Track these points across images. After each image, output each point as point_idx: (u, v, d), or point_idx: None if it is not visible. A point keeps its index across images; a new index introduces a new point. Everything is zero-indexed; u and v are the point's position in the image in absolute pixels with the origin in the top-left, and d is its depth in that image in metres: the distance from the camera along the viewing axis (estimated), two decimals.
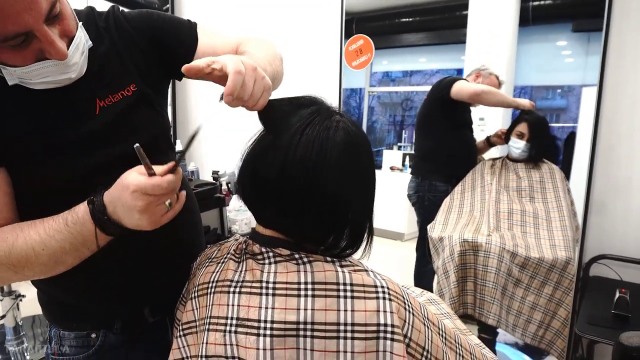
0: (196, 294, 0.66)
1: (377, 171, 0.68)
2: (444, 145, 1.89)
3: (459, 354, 0.65)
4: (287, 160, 0.58)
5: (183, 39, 0.79)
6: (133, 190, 0.55)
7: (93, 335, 0.77)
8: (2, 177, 0.65)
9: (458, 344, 0.66)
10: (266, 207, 0.63)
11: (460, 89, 1.75)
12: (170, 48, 0.79)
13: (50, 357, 0.79)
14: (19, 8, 0.54)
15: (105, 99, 0.71)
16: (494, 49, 1.91)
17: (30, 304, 2.79)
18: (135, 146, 0.55)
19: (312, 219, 0.60)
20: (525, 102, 1.75)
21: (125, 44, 0.75)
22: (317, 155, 0.58)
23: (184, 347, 0.67)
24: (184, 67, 0.56)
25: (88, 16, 0.73)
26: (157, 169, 0.57)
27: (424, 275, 1.93)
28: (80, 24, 0.67)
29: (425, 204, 1.90)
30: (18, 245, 0.61)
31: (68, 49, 0.62)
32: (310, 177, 0.58)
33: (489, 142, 1.89)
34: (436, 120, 1.89)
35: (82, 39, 0.66)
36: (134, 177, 0.56)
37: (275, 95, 0.65)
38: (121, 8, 0.80)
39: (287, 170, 0.58)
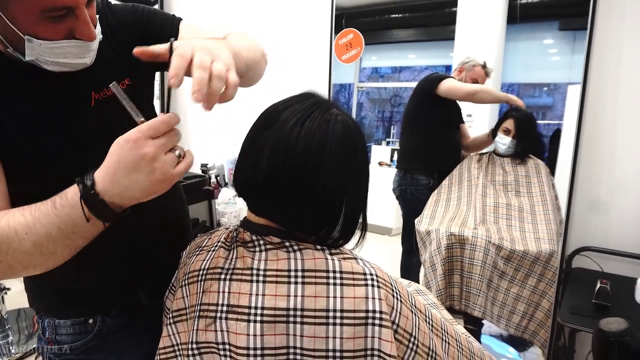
0: (187, 282, 0.66)
1: None
2: (427, 141, 1.91)
3: (445, 341, 0.66)
4: (289, 152, 0.58)
5: (166, 33, 0.78)
6: (134, 139, 0.50)
7: (90, 321, 0.76)
8: None
9: (444, 331, 0.67)
10: (263, 196, 0.63)
11: (452, 88, 1.77)
12: (155, 42, 0.77)
13: (45, 348, 0.77)
14: None
15: (101, 92, 0.70)
16: (482, 46, 1.93)
17: (16, 297, 2.75)
18: (111, 84, 0.52)
19: (309, 210, 0.61)
20: (516, 99, 1.77)
21: (114, 38, 0.75)
22: (317, 147, 0.58)
23: (174, 334, 0.67)
24: (136, 50, 0.55)
25: None
26: (167, 115, 0.53)
27: (410, 268, 1.95)
28: (97, 16, 0.68)
29: (408, 197, 1.92)
30: (1, 227, 0.55)
31: None
32: (310, 169, 0.58)
33: (494, 135, 1.88)
34: (420, 116, 1.90)
35: (99, 28, 0.67)
36: (126, 133, 0.51)
37: (267, 90, 0.65)
38: (107, 1, 0.79)
39: (288, 162, 0.58)
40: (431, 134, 1.89)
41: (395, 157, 2.30)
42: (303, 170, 0.59)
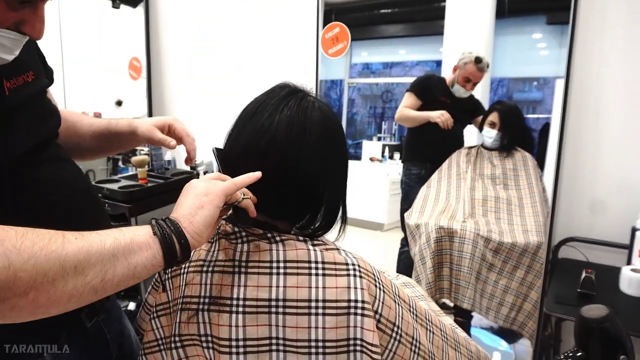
0: (170, 275, 0.66)
1: (357, 162, 0.69)
2: (418, 134, 1.98)
3: (430, 330, 0.67)
4: (268, 141, 0.58)
5: None
6: (216, 192, 0.54)
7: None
8: None
9: (429, 321, 0.68)
10: (245, 187, 0.63)
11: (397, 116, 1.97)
12: None
13: None
14: None
15: (11, 80, 0.65)
16: (471, 40, 1.93)
17: None
18: (212, 148, 0.58)
19: (290, 199, 0.61)
20: (435, 114, 1.82)
21: None
22: (297, 135, 0.59)
23: (157, 328, 0.67)
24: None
25: None
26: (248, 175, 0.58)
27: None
28: None
29: (403, 187, 2.01)
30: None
31: None
32: (291, 157, 0.59)
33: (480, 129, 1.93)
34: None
35: None
36: (219, 181, 0.57)
37: (255, 86, 0.66)
38: None
39: (270, 150, 0.59)
40: (422, 128, 1.90)
41: (387, 153, 2.31)
42: (284, 159, 0.59)
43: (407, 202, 1.91)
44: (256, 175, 0.57)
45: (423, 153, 1.99)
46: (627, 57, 1.52)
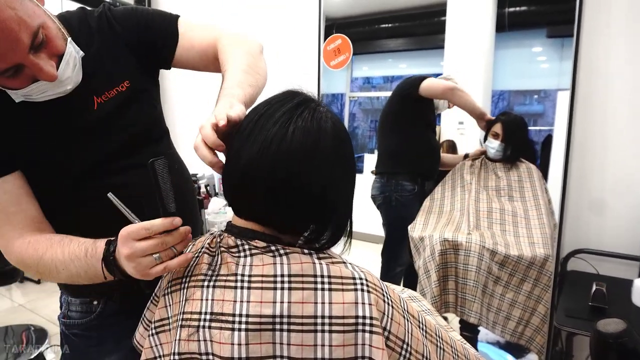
0: (169, 290, 0.64)
1: (359, 175, 0.69)
2: (410, 144, 1.86)
3: (440, 347, 0.64)
4: (282, 152, 0.56)
5: (167, 34, 0.85)
6: (124, 238, 0.60)
7: (95, 303, 0.86)
8: (18, 179, 0.73)
9: (439, 337, 0.65)
10: (253, 200, 0.60)
11: (432, 85, 1.75)
12: (156, 43, 0.85)
13: (60, 320, 0.90)
14: (3, 50, 0.60)
15: (102, 95, 0.78)
16: (471, 54, 1.94)
17: (3, 315, 2.68)
18: (108, 194, 0.61)
19: (300, 211, 0.60)
20: (489, 116, 1.76)
21: (116, 42, 0.81)
22: (311, 147, 0.57)
23: (156, 345, 0.64)
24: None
25: (80, 18, 0.80)
26: (154, 222, 0.60)
27: (392, 280, 1.88)
28: (69, 39, 0.71)
29: (393, 205, 1.85)
30: (45, 259, 0.70)
31: (58, 66, 0.68)
32: (304, 168, 0.57)
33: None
34: (402, 119, 1.86)
35: (72, 54, 0.71)
36: (129, 226, 0.61)
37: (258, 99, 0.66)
38: (110, 6, 0.85)
39: (282, 163, 0.56)
40: (413, 135, 1.85)
41: None
42: (299, 170, 0.57)
43: (402, 223, 1.78)
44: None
45: (416, 163, 1.85)
46: (632, 68, 1.52)
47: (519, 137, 1.74)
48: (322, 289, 0.55)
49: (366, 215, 2.23)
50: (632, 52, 1.51)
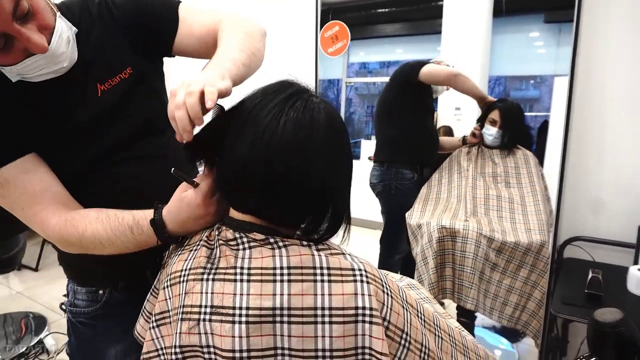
0: (169, 283, 0.64)
1: (355, 162, 0.68)
2: (410, 131, 1.84)
3: (438, 336, 0.65)
4: (276, 144, 0.56)
5: (166, 19, 0.84)
6: (202, 202, 0.66)
7: (100, 292, 0.88)
8: (37, 158, 0.73)
9: (437, 326, 0.66)
10: (250, 194, 0.60)
11: (434, 71, 1.72)
12: (157, 29, 0.83)
13: (67, 308, 0.92)
14: None
15: (105, 82, 0.77)
16: (468, 39, 1.92)
17: (2, 302, 2.69)
18: (172, 170, 0.64)
19: (298, 203, 0.59)
20: (490, 98, 1.74)
21: (117, 28, 0.80)
22: (304, 139, 0.57)
23: (157, 338, 0.64)
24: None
25: (81, 6, 0.79)
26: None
27: (390, 268, 1.88)
28: (58, 14, 0.70)
29: (392, 193, 1.84)
30: (87, 235, 0.72)
31: (50, 41, 0.66)
32: (300, 160, 0.57)
33: (464, 142, 1.86)
34: (401, 106, 1.83)
35: (63, 29, 0.69)
36: (191, 193, 0.66)
37: (253, 87, 0.65)
38: None
39: (277, 155, 0.56)
40: (412, 122, 1.83)
41: None
42: (293, 162, 0.56)
43: (401, 211, 1.77)
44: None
45: (417, 150, 1.84)
46: (632, 54, 1.51)
47: (516, 124, 1.74)
48: (322, 281, 0.55)
49: (364, 202, 2.23)
50: (632, 37, 1.50)
